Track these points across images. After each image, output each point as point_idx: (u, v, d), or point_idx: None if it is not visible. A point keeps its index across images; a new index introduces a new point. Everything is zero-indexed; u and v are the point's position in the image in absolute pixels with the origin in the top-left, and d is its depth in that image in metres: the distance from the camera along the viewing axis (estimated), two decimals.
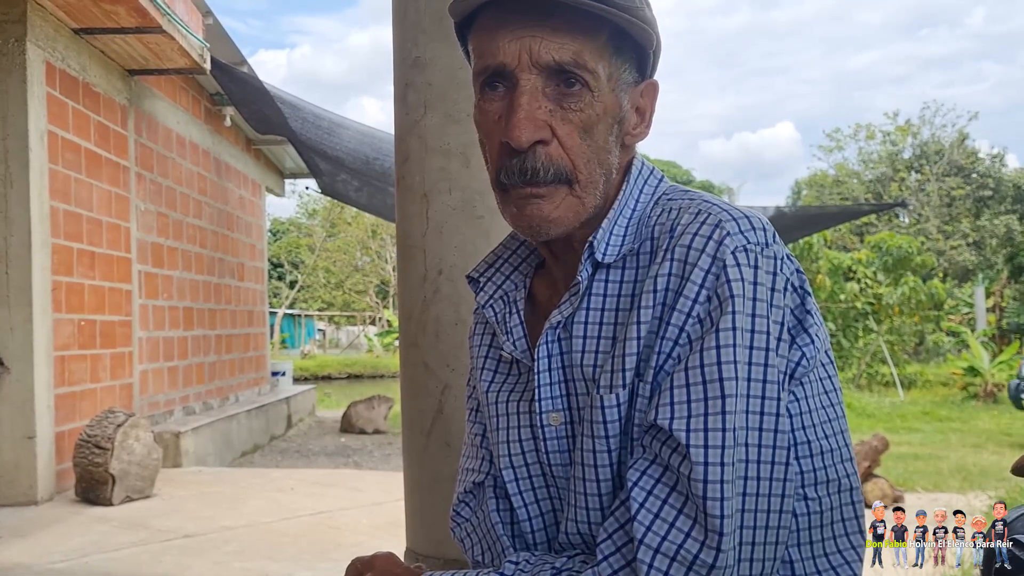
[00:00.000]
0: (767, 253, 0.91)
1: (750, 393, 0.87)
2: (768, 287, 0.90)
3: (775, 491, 0.88)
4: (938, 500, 6.16)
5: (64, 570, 4.02)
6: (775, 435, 0.88)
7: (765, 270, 0.90)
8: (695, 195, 0.98)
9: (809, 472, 0.94)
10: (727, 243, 0.89)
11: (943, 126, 32.61)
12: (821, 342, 0.95)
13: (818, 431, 0.95)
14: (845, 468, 0.96)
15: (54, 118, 5.64)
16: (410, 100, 2.05)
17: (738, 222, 0.91)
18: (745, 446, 0.87)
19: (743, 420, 0.87)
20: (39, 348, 5.35)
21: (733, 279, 0.88)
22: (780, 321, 0.91)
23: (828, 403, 0.97)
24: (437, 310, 2.02)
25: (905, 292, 16.66)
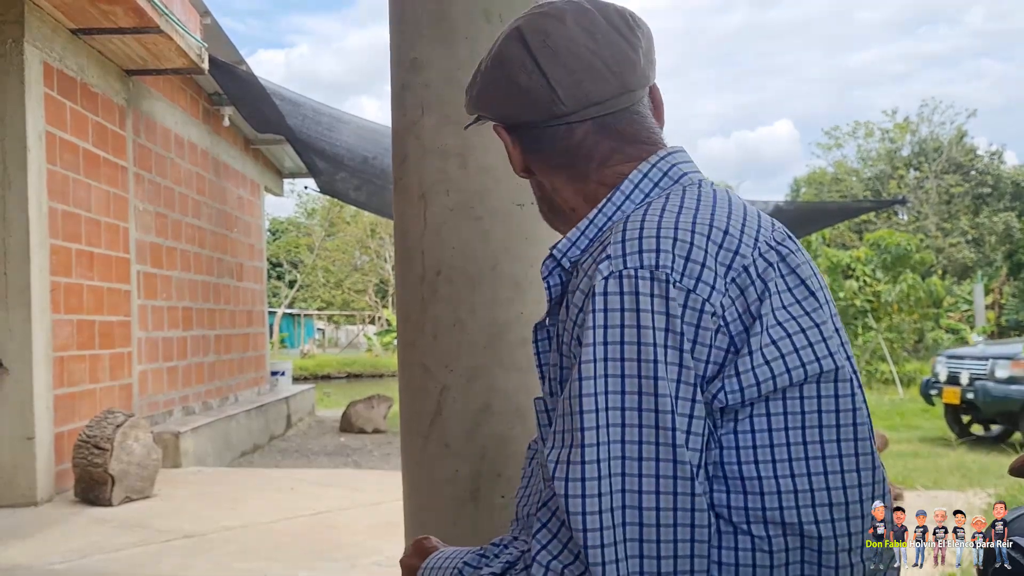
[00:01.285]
0: (656, 276, 0.87)
1: (624, 422, 0.85)
2: (650, 311, 0.86)
3: (664, 520, 0.85)
4: (937, 498, 6.16)
5: (64, 571, 4.02)
6: (656, 463, 0.84)
7: (645, 293, 0.86)
8: (641, 214, 0.95)
9: (755, 509, 0.88)
10: (601, 268, 0.89)
11: (942, 123, 32.67)
12: (773, 379, 0.89)
13: (769, 468, 0.89)
14: (812, 514, 0.89)
15: (52, 119, 5.64)
16: (407, 101, 2.05)
17: (625, 244, 0.90)
18: (621, 476, 0.85)
19: (614, 450, 0.85)
20: (38, 349, 5.35)
21: (597, 308, 0.87)
22: (674, 347, 0.86)
23: (799, 440, 0.90)
24: (435, 311, 2.02)
25: (904, 290, 16.67)
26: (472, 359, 2.00)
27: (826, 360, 0.91)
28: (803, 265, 0.97)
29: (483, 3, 1.99)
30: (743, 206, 1.00)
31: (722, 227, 0.92)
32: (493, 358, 2.00)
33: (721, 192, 1.02)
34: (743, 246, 0.92)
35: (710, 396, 0.88)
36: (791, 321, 0.91)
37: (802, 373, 0.90)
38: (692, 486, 0.85)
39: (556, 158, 1.06)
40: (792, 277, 0.94)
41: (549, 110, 1.02)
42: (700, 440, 0.86)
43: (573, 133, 1.04)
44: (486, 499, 1.98)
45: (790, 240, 0.99)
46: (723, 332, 0.88)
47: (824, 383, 0.91)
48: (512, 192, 1.98)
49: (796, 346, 0.90)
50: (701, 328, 0.87)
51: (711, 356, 0.88)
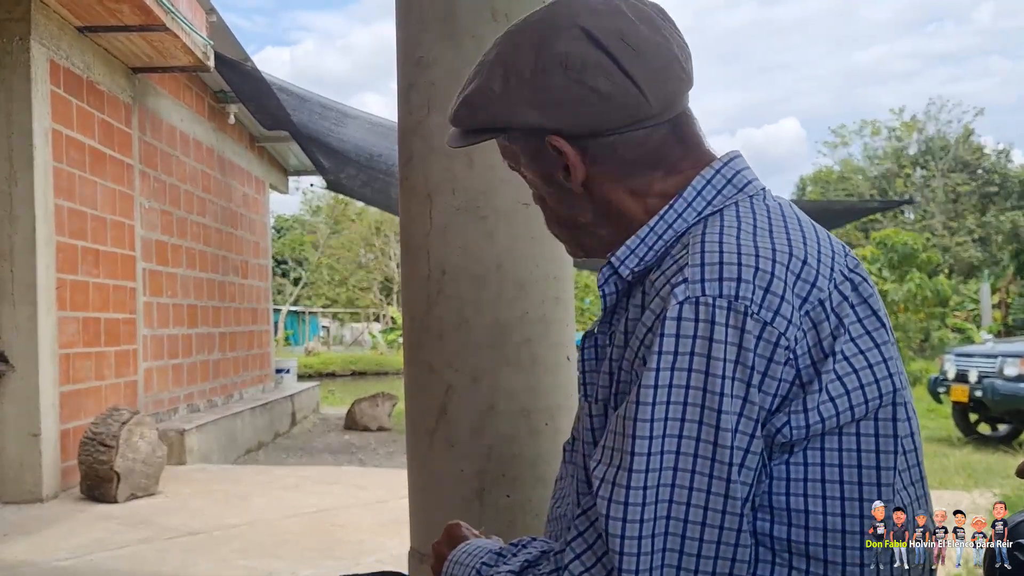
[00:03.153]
0: (735, 307, 0.84)
1: (680, 450, 0.84)
2: (723, 342, 0.83)
3: (706, 552, 0.84)
4: (943, 497, 6.14)
5: (69, 567, 4.03)
6: (707, 495, 0.84)
7: (721, 323, 0.83)
8: (717, 234, 0.90)
9: (798, 543, 0.87)
10: (677, 292, 0.85)
11: (949, 122, 32.62)
12: (837, 416, 0.87)
13: (818, 503, 0.87)
14: (857, 556, 0.87)
15: (58, 116, 5.64)
16: (413, 100, 2.05)
17: (704, 269, 0.86)
18: (668, 503, 0.84)
19: (664, 477, 0.84)
20: (44, 346, 5.36)
21: (667, 333, 0.84)
22: (742, 379, 0.84)
23: (855, 480, 0.87)
24: (441, 311, 2.02)
25: (911, 289, 16.64)
26: (477, 359, 2.00)
27: (888, 396, 0.89)
28: (874, 295, 0.94)
29: (490, 2, 1.99)
30: (813, 227, 0.96)
31: (801, 256, 0.89)
32: (498, 358, 2.00)
33: (788, 208, 0.98)
34: (820, 278, 0.88)
35: (773, 430, 0.86)
36: (859, 356, 0.88)
37: (865, 409, 0.88)
38: (740, 522, 0.83)
39: (625, 167, 0.99)
40: (863, 307, 0.91)
41: (635, 113, 0.95)
42: (752, 474, 0.85)
43: (651, 138, 0.97)
44: (491, 498, 1.98)
45: (861, 267, 0.96)
46: (791, 364, 0.85)
47: (883, 421, 0.89)
48: (518, 191, 1.97)
49: (862, 382, 0.88)
50: (773, 362, 0.84)
51: (778, 389, 0.85)
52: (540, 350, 2.02)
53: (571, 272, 2.14)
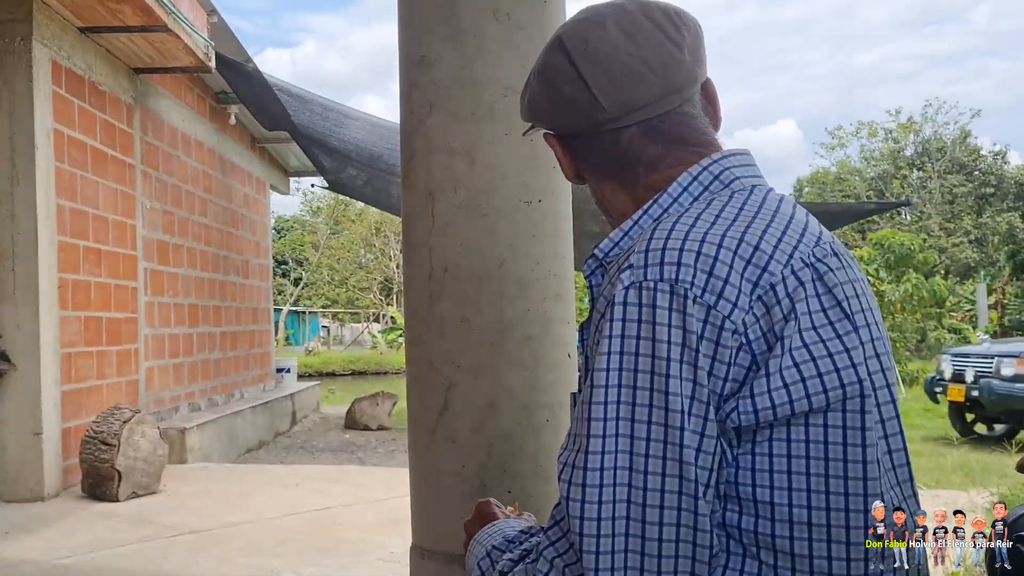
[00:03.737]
0: (676, 290, 0.86)
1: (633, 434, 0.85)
2: (667, 325, 0.85)
3: (667, 536, 0.84)
4: (940, 497, 6.17)
5: (71, 566, 4.05)
6: (662, 478, 0.84)
7: (663, 307, 0.85)
8: (671, 222, 0.93)
9: (764, 535, 0.87)
10: (623, 277, 0.89)
11: (945, 123, 32.65)
12: (790, 403, 0.86)
13: (783, 495, 0.86)
14: (824, 549, 0.86)
15: (60, 116, 5.67)
16: (415, 99, 2.08)
17: (648, 255, 0.88)
18: (627, 487, 0.85)
19: (620, 460, 0.85)
20: (45, 345, 5.38)
21: (615, 318, 0.87)
22: (689, 362, 0.85)
23: (822, 472, 0.87)
24: (442, 308, 2.04)
25: (907, 289, 16.66)
26: (478, 356, 2.02)
27: (852, 387, 0.87)
28: (844, 284, 0.93)
29: (491, 2, 2.02)
30: (791, 217, 0.96)
31: (753, 242, 0.89)
32: (499, 355, 2.02)
33: (772, 200, 0.98)
34: (773, 263, 0.88)
35: (724, 415, 0.86)
36: (819, 344, 0.87)
37: (823, 399, 0.86)
38: (696, 504, 0.84)
39: (605, 165, 1.05)
40: (828, 297, 0.90)
41: (593, 118, 1.01)
42: (710, 458, 0.85)
43: (619, 139, 1.02)
44: (493, 494, 2.00)
45: (835, 256, 0.95)
46: (745, 350, 0.86)
47: (850, 412, 0.87)
48: (518, 190, 2.00)
49: (820, 371, 0.86)
50: (720, 345, 0.85)
51: (730, 374, 0.86)
52: (541, 347, 2.04)
53: (572, 270, 2.16)
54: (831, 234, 1.00)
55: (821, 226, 1.00)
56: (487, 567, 1.06)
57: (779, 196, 1.00)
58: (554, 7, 2.09)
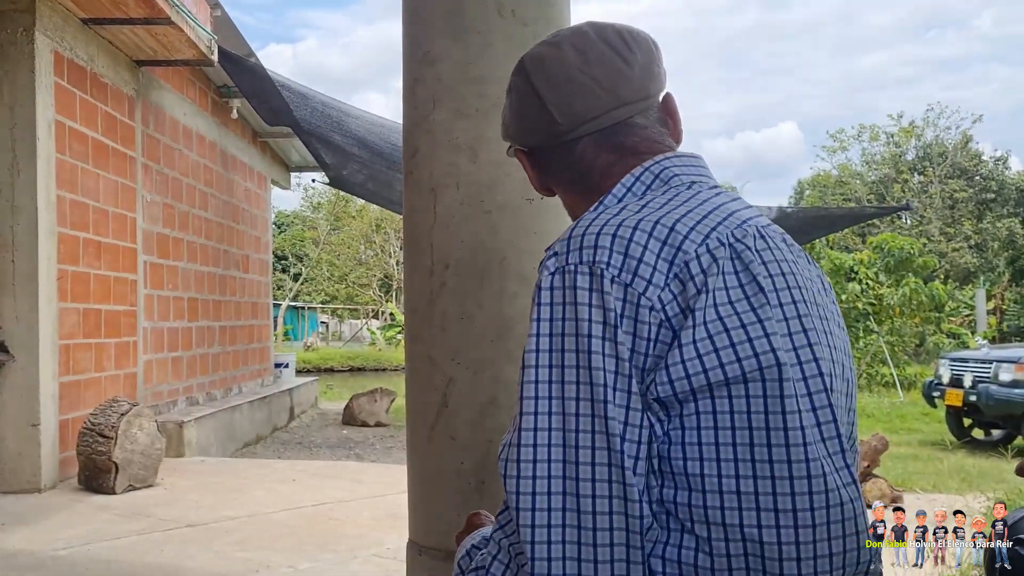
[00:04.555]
0: (594, 271, 0.90)
1: (564, 411, 0.89)
2: (588, 304, 0.89)
3: (600, 508, 0.87)
4: (936, 500, 6.18)
5: (66, 557, 4.05)
6: (592, 452, 0.87)
7: (584, 288, 0.90)
8: (595, 213, 0.98)
9: (697, 508, 0.89)
10: (548, 264, 0.95)
11: (947, 128, 32.66)
12: (704, 373, 0.88)
13: (712, 466, 0.89)
14: (754, 518, 0.88)
15: (62, 108, 5.66)
16: (419, 95, 2.07)
17: (570, 241, 0.94)
18: (562, 463, 0.88)
19: (554, 438, 0.88)
20: (44, 336, 5.37)
21: (541, 302, 0.92)
22: (610, 339, 0.88)
23: (739, 440, 0.88)
24: (443, 304, 2.04)
25: (906, 293, 16.67)
26: (479, 352, 2.02)
27: (766, 356, 0.90)
28: (769, 264, 0.96)
29: None
30: (719, 205, 1.00)
31: (669, 223, 0.94)
32: (500, 351, 2.02)
33: (706, 192, 1.02)
34: (687, 242, 0.92)
35: (646, 388, 0.89)
36: (733, 316, 0.90)
37: (738, 369, 0.89)
38: (624, 475, 0.86)
39: (566, 175, 1.12)
40: (745, 274, 0.93)
41: (550, 131, 1.08)
42: (638, 431, 0.88)
43: (573, 150, 1.09)
44: (491, 491, 2.00)
45: (762, 239, 0.99)
46: (666, 327, 0.89)
47: (769, 381, 0.89)
48: (521, 187, 1.99)
49: (733, 341, 0.89)
50: (639, 322, 0.89)
51: (654, 349, 0.89)
52: None
53: None
54: (768, 222, 1.05)
55: (758, 215, 1.04)
56: (466, 565, 1.10)
57: (717, 190, 1.05)
58: (559, 4, 2.09)
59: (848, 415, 1.03)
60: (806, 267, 1.05)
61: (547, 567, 0.87)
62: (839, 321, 1.08)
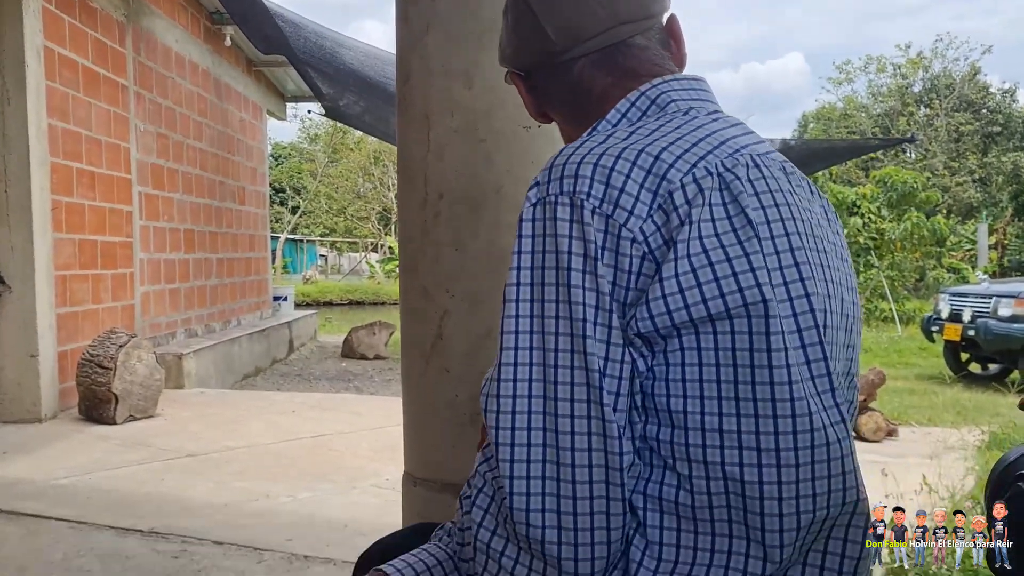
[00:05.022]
0: (574, 202, 0.87)
1: (544, 346, 0.87)
2: (568, 236, 0.87)
3: (579, 445, 0.86)
4: (931, 434, 6.22)
5: (67, 486, 4.08)
6: (571, 387, 0.86)
7: (564, 219, 0.87)
8: (579, 142, 0.94)
9: (680, 445, 0.88)
10: (529, 196, 0.92)
11: (955, 59, 32.17)
12: (686, 308, 0.85)
13: (696, 403, 0.87)
14: (735, 456, 0.86)
15: (50, 34, 5.53)
16: (412, 18, 2.00)
17: (552, 171, 0.91)
18: (542, 398, 0.87)
19: (535, 372, 0.87)
20: (40, 267, 5.34)
21: (523, 234, 0.90)
22: (590, 271, 0.86)
23: (724, 378, 0.86)
24: (437, 235, 2.00)
25: (908, 228, 16.62)
26: (474, 284, 1.99)
27: (751, 291, 0.86)
28: (762, 194, 0.92)
29: None
30: (714, 131, 0.95)
31: (654, 152, 0.89)
32: (495, 283, 1.98)
33: (701, 117, 0.97)
34: (672, 171, 0.88)
35: (626, 323, 0.87)
36: (718, 250, 0.86)
37: (721, 304, 0.86)
38: (603, 411, 0.85)
39: (562, 99, 1.08)
40: (734, 205, 0.89)
41: (545, 51, 1.04)
42: (618, 366, 0.86)
43: (570, 72, 1.05)
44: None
45: (756, 168, 0.94)
46: (649, 259, 0.86)
47: (754, 317, 0.86)
48: (517, 114, 1.93)
49: (717, 275, 0.86)
50: (620, 254, 0.86)
51: (636, 283, 0.86)
52: None
53: None
54: (768, 149, 0.99)
55: (757, 141, 0.99)
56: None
57: (715, 116, 1.00)
58: None
59: (847, 351, 0.99)
60: (807, 197, 1.01)
61: (525, 501, 0.86)
62: (843, 254, 1.03)
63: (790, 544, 0.87)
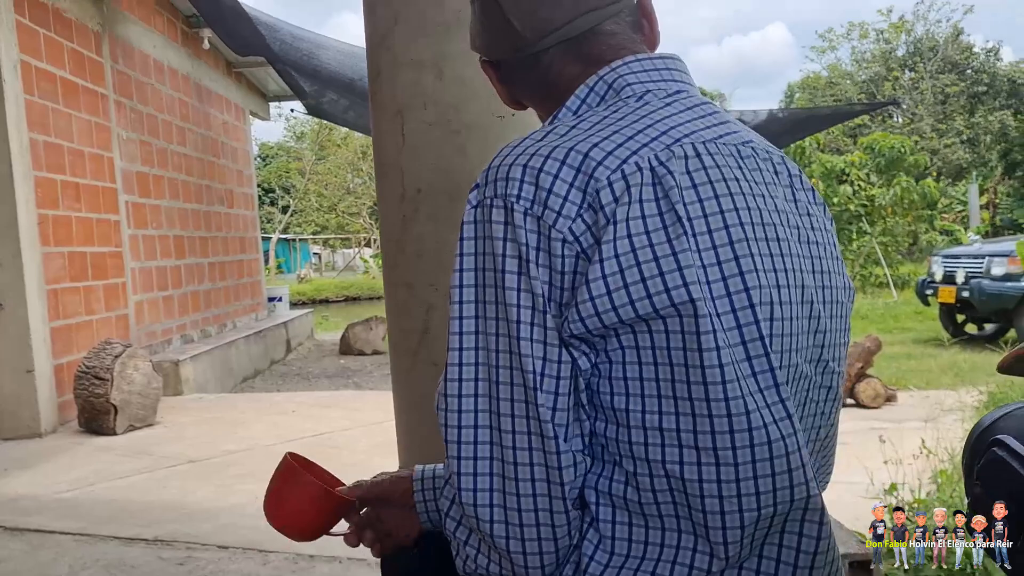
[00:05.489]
0: (507, 205, 0.88)
1: (486, 347, 0.89)
2: (502, 239, 0.88)
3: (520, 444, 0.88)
4: (929, 397, 6.25)
5: (71, 499, 4.08)
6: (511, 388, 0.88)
7: (499, 221, 0.88)
8: (517, 141, 0.95)
9: (624, 443, 0.89)
10: (470, 198, 0.93)
11: (937, 21, 32.13)
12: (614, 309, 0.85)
13: (636, 401, 0.87)
14: (676, 454, 0.87)
15: (26, 47, 5.49)
16: (379, 12, 2.00)
17: (488, 172, 0.92)
18: (488, 397, 0.89)
19: (480, 372, 0.90)
20: (30, 282, 5.33)
21: (465, 236, 0.91)
22: (524, 273, 0.87)
23: (654, 376, 0.87)
24: (418, 229, 2.00)
25: (898, 193, 16.63)
26: None
27: (678, 292, 0.85)
28: (693, 187, 0.89)
29: None
30: (659, 119, 0.94)
31: (584, 150, 0.89)
32: None
33: (654, 102, 0.96)
34: (601, 168, 0.87)
35: (561, 323, 0.87)
36: (646, 249, 0.85)
37: (649, 306, 0.85)
38: (539, 411, 0.86)
39: (531, 88, 1.08)
40: (665, 202, 0.87)
41: (514, 43, 1.03)
42: (556, 367, 0.87)
43: (539, 62, 1.04)
44: None
45: (696, 157, 0.91)
46: (583, 259, 0.86)
47: (685, 317, 0.85)
48: (490, 103, 1.93)
49: (644, 276, 0.85)
50: (553, 255, 0.86)
51: (572, 282, 0.87)
52: None
53: None
54: (722, 133, 0.97)
55: (708, 126, 0.96)
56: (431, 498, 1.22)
57: (671, 99, 0.98)
58: None
59: (814, 338, 0.98)
60: (768, 180, 0.98)
61: (473, 497, 0.90)
62: (810, 236, 1.00)
63: (735, 541, 0.88)
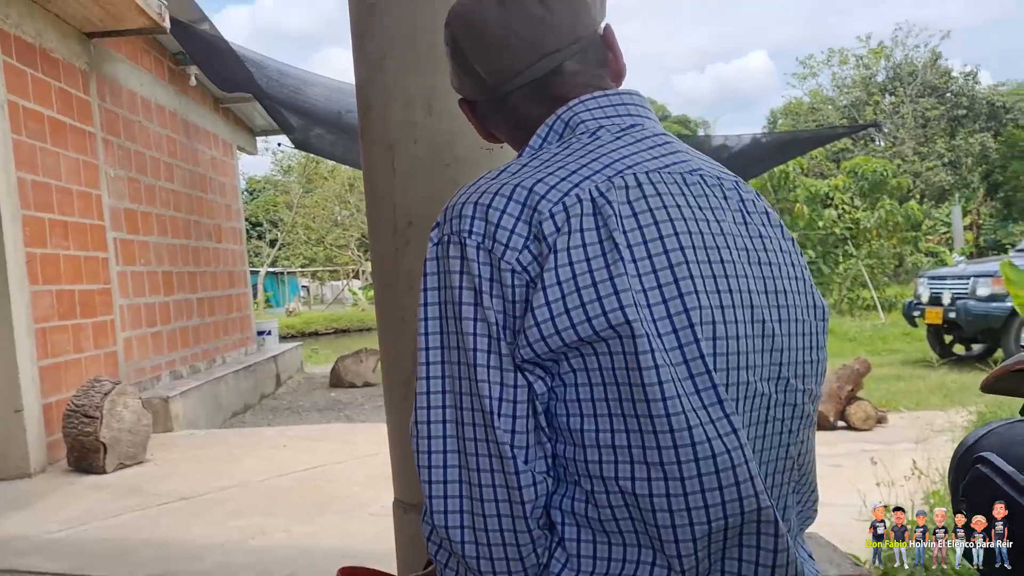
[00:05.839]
0: (461, 240, 0.94)
1: (451, 376, 0.94)
2: (459, 272, 0.93)
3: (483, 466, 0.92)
4: (920, 418, 6.28)
5: (62, 539, 4.05)
6: (472, 412, 0.92)
7: (456, 256, 0.94)
8: (476, 179, 1.00)
9: (580, 462, 0.93)
10: (432, 236, 0.97)
11: (916, 47, 32.57)
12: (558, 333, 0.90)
13: (589, 421, 0.92)
14: (628, 471, 0.90)
15: (13, 87, 5.52)
16: (368, 48, 2.02)
17: (447, 211, 0.97)
18: (456, 423, 0.94)
19: (448, 399, 0.94)
20: (19, 321, 5.31)
21: (428, 272, 0.96)
22: (479, 304, 0.92)
23: (611, 396, 0.91)
24: (409, 262, 2.01)
25: (882, 215, 16.78)
26: None
27: (615, 314, 0.89)
28: (634, 215, 0.93)
29: None
30: (605, 152, 0.98)
31: (528, 184, 0.94)
32: None
33: (604, 136, 1.01)
34: (544, 201, 0.92)
35: (514, 350, 0.92)
36: (586, 275, 0.90)
37: (589, 329, 0.89)
38: (497, 435, 0.90)
39: (503, 127, 1.13)
40: (604, 230, 0.92)
41: (480, 89, 1.09)
42: (513, 392, 0.91)
43: (507, 104, 1.08)
44: None
45: (637, 187, 0.95)
46: (532, 287, 0.92)
47: (624, 338, 0.89)
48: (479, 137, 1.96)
49: (583, 301, 0.89)
50: (504, 285, 0.92)
51: (525, 311, 0.92)
52: None
53: None
54: (669, 163, 1.00)
55: (654, 157, 1.00)
56: None
57: (622, 134, 1.02)
58: None
59: (770, 356, 0.99)
60: (716, 205, 1.00)
61: (444, 519, 0.94)
62: (761, 257, 1.02)
63: (690, 554, 0.91)
